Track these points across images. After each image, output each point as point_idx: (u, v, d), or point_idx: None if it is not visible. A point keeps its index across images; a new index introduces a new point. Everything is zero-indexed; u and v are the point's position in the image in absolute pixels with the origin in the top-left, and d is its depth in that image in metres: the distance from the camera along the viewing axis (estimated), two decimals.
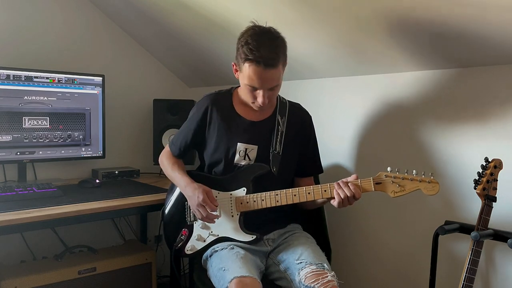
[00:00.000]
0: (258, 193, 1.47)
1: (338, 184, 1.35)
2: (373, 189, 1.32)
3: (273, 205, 1.44)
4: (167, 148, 1.71)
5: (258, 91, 1.42)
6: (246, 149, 1.53)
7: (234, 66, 1.47)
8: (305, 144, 1.60)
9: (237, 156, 1.53)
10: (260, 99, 1.42)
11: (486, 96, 1.42)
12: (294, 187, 1.45)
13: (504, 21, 1.17)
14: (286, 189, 1.43)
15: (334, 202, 1.37)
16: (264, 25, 1.42)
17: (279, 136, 1.53)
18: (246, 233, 1.49)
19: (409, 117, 1.62)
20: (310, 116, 1.64)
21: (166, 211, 1.67)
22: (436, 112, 1.55)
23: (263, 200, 1.45)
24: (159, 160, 1.73)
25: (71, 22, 2.24)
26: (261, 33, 1.39)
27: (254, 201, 1.47)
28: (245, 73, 1.39)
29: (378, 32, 1.45)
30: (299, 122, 1.59)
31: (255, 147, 1.53)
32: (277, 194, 1.44)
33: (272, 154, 1.52)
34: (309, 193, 1.40)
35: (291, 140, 1.55)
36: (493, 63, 1.39)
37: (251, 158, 1.53)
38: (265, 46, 1.35)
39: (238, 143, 1.53)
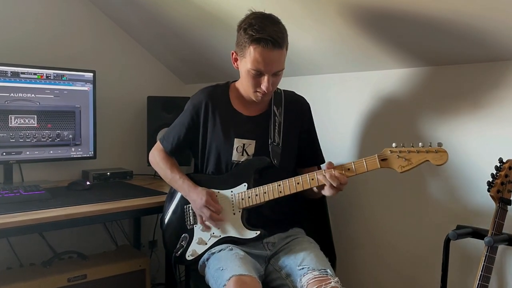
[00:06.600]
0: (259, 186, 1.44)
1: (323, 173, 1.35)
2: (378, 166, 1.30)
3: (276, 196, 1.41)
4: (159, 146, 1.66)
5: (262, 77, 1.40)
6: (243, 144, 1.51)
7: (234, 54, 1.47)
8: (304, 132, 1.59)
9: (234, 152, 1.51)
10: (264, 85, 1.40)
11: (502, 94, 1.38)
12: None
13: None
14: (289, 179, 1.41)
15: (326, 191, 1.36)
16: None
17: (277, 127, 1.52)
18: (250, 229, 1.45)
19: (416, 114, 1.60)
20: (308, 104, 1.62)
21: (166, 219, 1.63)
22: (445, 110, 1.52)
23: (265, 192, 1.43)
24: (151, 159, 1.69)
25: (60, 15, 2.20)
26: (263, 17, 1.40)
27: (256, 195, 1.44)
28: (250, 57, 1.37)
29: (381, 27, 1.44)
30: (296, 111, 1.58)
31: (253, 142, 1.52)
32: (279, 185, 1.41)
33: (271, 146, 1.50)
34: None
35: (289, 130, 1.54)
36: (504, 59, 1.36)
37: (249, 153, 1.51)
38: (270, 27, 1.37)
39: (235, 139, 1.51)
